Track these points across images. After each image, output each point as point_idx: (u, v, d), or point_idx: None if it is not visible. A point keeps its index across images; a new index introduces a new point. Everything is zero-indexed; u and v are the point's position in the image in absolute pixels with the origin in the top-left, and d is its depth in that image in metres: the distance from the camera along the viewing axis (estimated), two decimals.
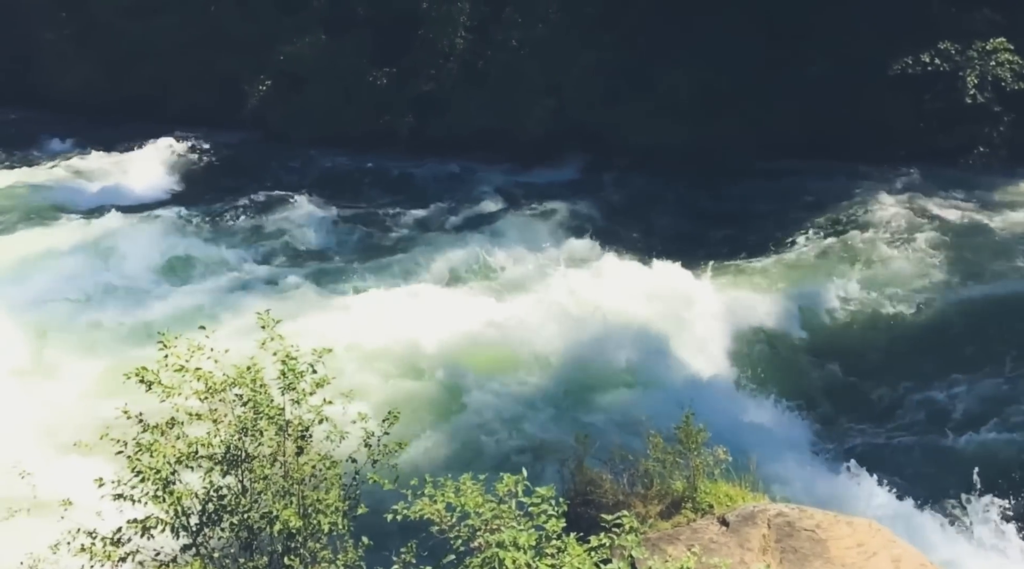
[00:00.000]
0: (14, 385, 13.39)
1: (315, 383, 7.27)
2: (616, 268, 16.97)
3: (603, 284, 15.76)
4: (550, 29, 25.92)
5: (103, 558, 6.28)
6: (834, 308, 16.39)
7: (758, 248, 18.88)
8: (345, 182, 24.32)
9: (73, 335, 15.37)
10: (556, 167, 24.67)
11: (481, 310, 15.50)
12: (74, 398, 13.00)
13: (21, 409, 12.62)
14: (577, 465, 9.07)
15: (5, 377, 13.59)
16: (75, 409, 12.60)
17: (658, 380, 12.92)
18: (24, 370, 13.91)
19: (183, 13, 29.29)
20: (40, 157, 26.30)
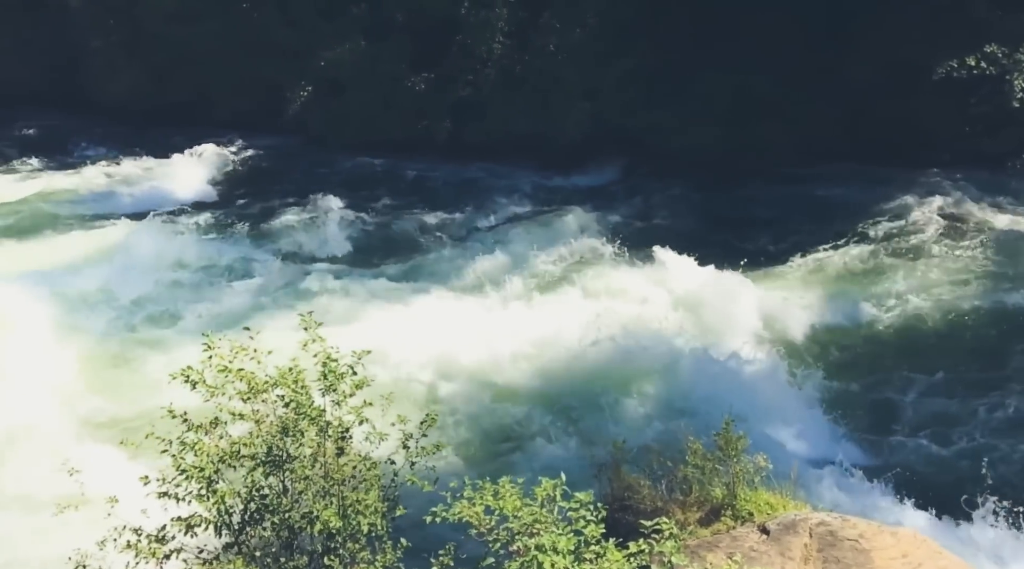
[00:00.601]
0: (61, 385, 13.69)
1: (355, 385, 7.34)
2: (653, 274, 16.87)
3: (640, 289, 15.67)
4: (588, 34, 25.90)
5: (148, 555, 6.40)
6: (875, 316, 16.11)
7: (797, 254, 18.65)
8: (383, 187, 24.51)
9: (118, 335, 15.68)
10: (593, 172, 24.63)
11: (518, 314, 15.51)
12: (120, 397, 13.25)
13: (70, 408, 12.90)
14: (614, 470, 9.03)
15: (52, 377, 13.89)
16: (121, 408, 12.85)
17: (696, 387, 12.80)
18: (70, 370, 14.20)
19: (226, 20, 29.77)
20: (87, 161, 26.89)
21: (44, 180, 25.22)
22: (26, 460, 11.37)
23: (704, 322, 14.05)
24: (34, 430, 12.02)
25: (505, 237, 19.49)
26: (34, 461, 11.21)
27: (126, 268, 18.07)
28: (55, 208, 22.42)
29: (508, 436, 12.25)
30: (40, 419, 12.38)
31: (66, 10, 32.28)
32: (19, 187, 24.56)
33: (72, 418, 12.47)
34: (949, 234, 19.06)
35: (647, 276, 16.83)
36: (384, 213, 22.36)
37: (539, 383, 13.08)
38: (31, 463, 11.30)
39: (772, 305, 15.75)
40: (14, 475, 11.14)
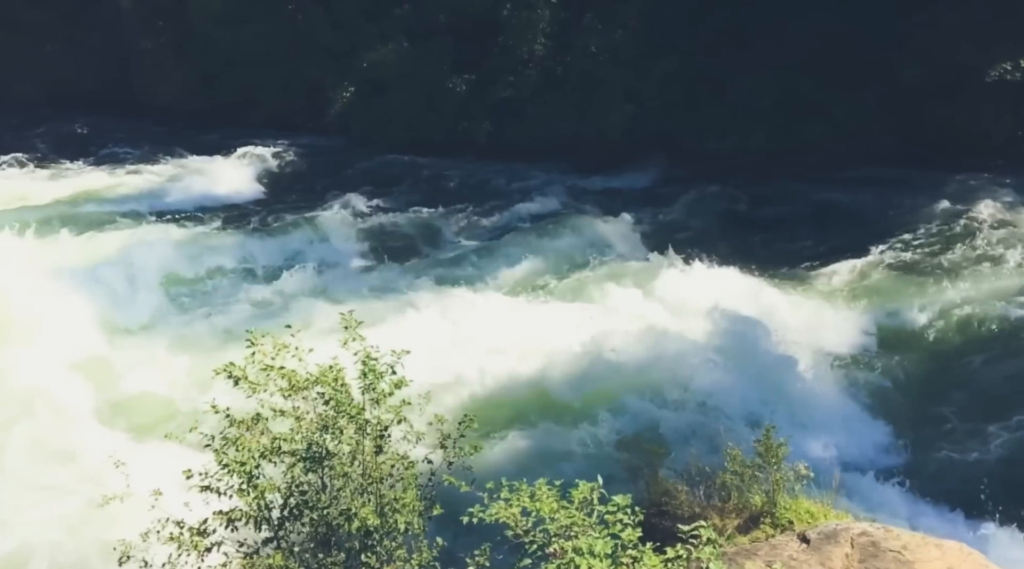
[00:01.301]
0: (109, 379, 13.99)
1: (394, 384, 7.39)
2: (694, 276, 16.71)
3: (680, 292, 15.53)
4: (630, 35, 25.79)
5: (190, 548, 6.50)
6: (922, 324, 15.74)
7: (842, 259, 18.32)
8: (423, 188, 24.66)
9: (163, 330, 15.96)
10: (634, 173, 24.50)
11: (556, 316, 15.45)
12: (165, 391, 13.49)
13: (116, 401, 13.18)
14: (652, 475, 8.97)
15: (100, 371, 14.21)
16: (166, 402, 13.10)
17: (735, 394, 12.65)
18: (116, 364, 14.50)
19: (272, 22, 30.24)
20: (136, 161, 27.46)
21: (93, 178, 25.82)
22: (72, 453, 11.65)
23: (746, 328, 13.85)
24: (78, 423, 12.30)
25: (544, 238, 19.44)
26: (80, 453, 11.48)
27: (169, 267, 18.39)
28: (103, 206, 22.93)
29: (544, 438, 12.22)
30: (84, 412, 12.66)
31: (118, 12, 33.04)
32: (69, 185, 25.18)
33: (116, 412, 12.73)
34: (1000, 241, 18.56)
35: (688, 280, 16.67)
36: (423, 214, 22.49)
37: (575, 385, 13.02)
38: (77, 455, 11.57)
39: (816, 311, 15.50)
40: (60, 467, 11.41)
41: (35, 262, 18.08)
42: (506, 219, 21.89)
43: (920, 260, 18.35)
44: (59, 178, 26.03)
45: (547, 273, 17.89)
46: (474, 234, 21.06)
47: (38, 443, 12.12)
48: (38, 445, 12.08)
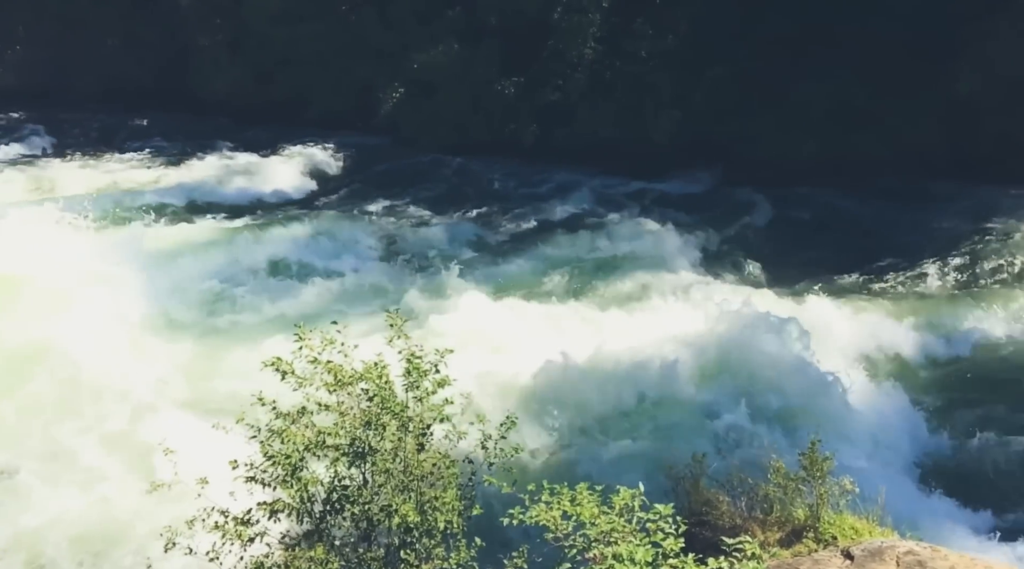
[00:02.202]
0: (160, 369, 14.30)
1: (437, 382, 7.45)
2: (740, 284, 16.53)
3: (726, 299, 15.33)
4: (680, 40, 25.61)
5: (234, 537, 6.61)
6: (975, 342, 15.31)
7: (892, 272, 17.95)
8: (469, 189, 24.76)
9: (212, 323, 16.25)
10: (681, 180, 24.31)
11: (600, 321, 15.39)
12: (212, 384, 13.75)
13: (168, 390, 13.46)
14: (693, 484, 8.87)
15: (152, 361, 14.53)
16: (213, 394, 13.33)
17: (781, 406, 12.46)
18: (168, 355, 14.81)
19: (327, 22, 30.67)
20: (190, 156, 28.02)
21: (148, 171, 26.43)
22: (123, 440, 11.93)
23: (793, 340, 13.63)
24: (129, 412, 12.59)
25: (589, 243, 19.37)
26: (130, 441, 11.76)
27: (221, 260, 18.74)
28: (155, 199, 23.42)
29: (585, 443, 12.18)
30: (134, 402, 12.94)
31: (176, 9, 33.80)
32: (124, 176, 25.81)
33: (166, 402, 13.00)
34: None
35: (734, 288, 16.50)
36: (468, 215, 22.58)
37: (617, 391, 12.95)
38: (128, 443, 11.85)
39: (865, 324, 15.18)
40: (112, 454, 11.70)
41: (90, 250, 18.55)
42: (551, 222, 21.86)
43: (973, 274, 17.90)
44: (115, 169, 26.69)
45: (593, 278, 17.80)
46: (518, 237, 21.07)
47: (90, 427, 12.44)
48: (90, 429, 12.40)
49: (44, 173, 26.17)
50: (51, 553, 10.29)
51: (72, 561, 10.18)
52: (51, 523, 10.70)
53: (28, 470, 11.72)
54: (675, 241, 19.53)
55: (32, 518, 10.81)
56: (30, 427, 12.57)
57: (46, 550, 10.31)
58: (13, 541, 10.52)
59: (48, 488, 11.31)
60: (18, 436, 12.38)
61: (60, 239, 19.22)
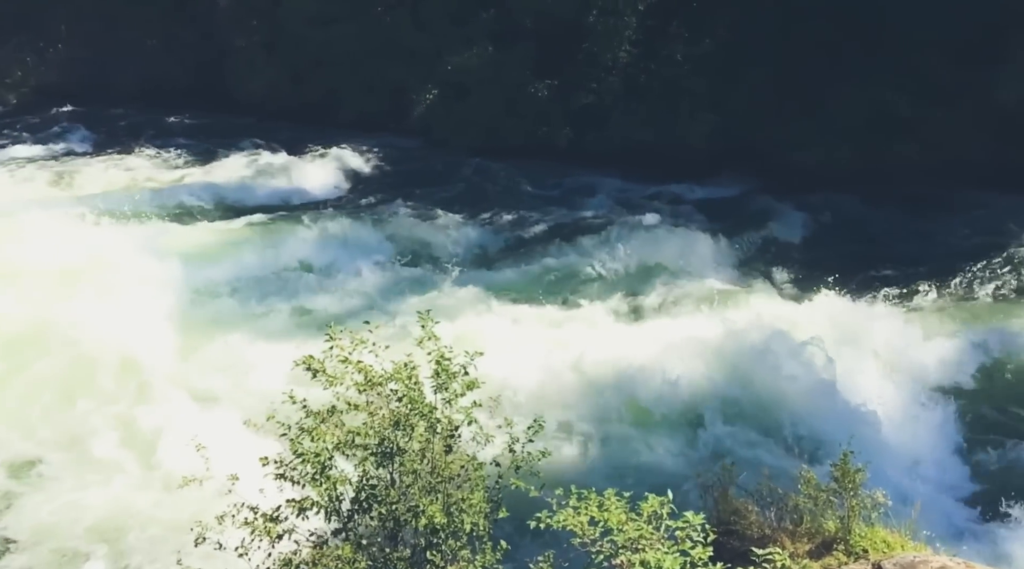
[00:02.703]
0: (192, 365, 14.48)
1: (466, 385, 7.46)
2: (776, 294, 16.35)
3: (761, 309, 15.19)
4: (717, 44, 25.42)
5: (263, 533, 6.67)
6: (1013, 354, 15.01)
7: (932, 283, 17.62)
8: (501, 192, 24.76)
9: (244, 321, 16.41)
10: (716, 185, 24.10)
11: (632, 328, 15.31)
12: (245, 380, 13.90)
13: (199, 386, 13.63)
14: (722, 493, 8.78)
15: (184, 357, 14.72)
16: (244, 392, 13.48)
17: (814, 414, 12.30)
18: (199, 352, 14.99)
19: (361, 23, 30.86)
20: (225, 155, 28.35)
21: (182, 171, 26.80)
22: (153, 434, 12.11)
23: (829, 349, 13.44)
24: (161, 410, 12.77)
25: (622, 248, 19.23)
26: (162, 437, 11.93)
27: (254, 258, 18.94)
28: (190, 197, 23.74)
29: (613, 450, 12.12)
30: (167, 399, 13.13)
31: (214, 10, 34.25)
32: (159, 176, 26.20)
33: (197, 399, 13.17)
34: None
35: (768, 296, 16.31)
36: (499, 218, 22.58)
37: (646, 398, 12.87)
38: (157, 437, 12.03)
39: (900, 336, 14.91)
40: (144, 450, 11.87)
41: (125, 246, 18.85)
42: (582, 226, 21.78)
43: (1016, 286, 17.52)
44: (151, 167, 27.09)
45: (624, 283, 17.70)
46: (548, 240, 21.01)
47: (119, 422, 12.64)
48: (119, 423, 12.59)
49: (81, 169, 26.66)
50: (74, 544, 10.44)
51: (96, 553, 10.32)
52: (76, 514, 10.88)
53: (54, 460, 11.95)
54: (708, 247, 19.35)
55: (57, 509, 10.99)
56: (57, 419, 12.80)
57: (69, 541, 10.47)
58: (37, 531, 10.69)
59: (74, 479, 11.51)
60: (45, 426, 12.61)
61: (95, 235, 19.55)
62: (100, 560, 10.28)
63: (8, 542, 10.54)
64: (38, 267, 17.20)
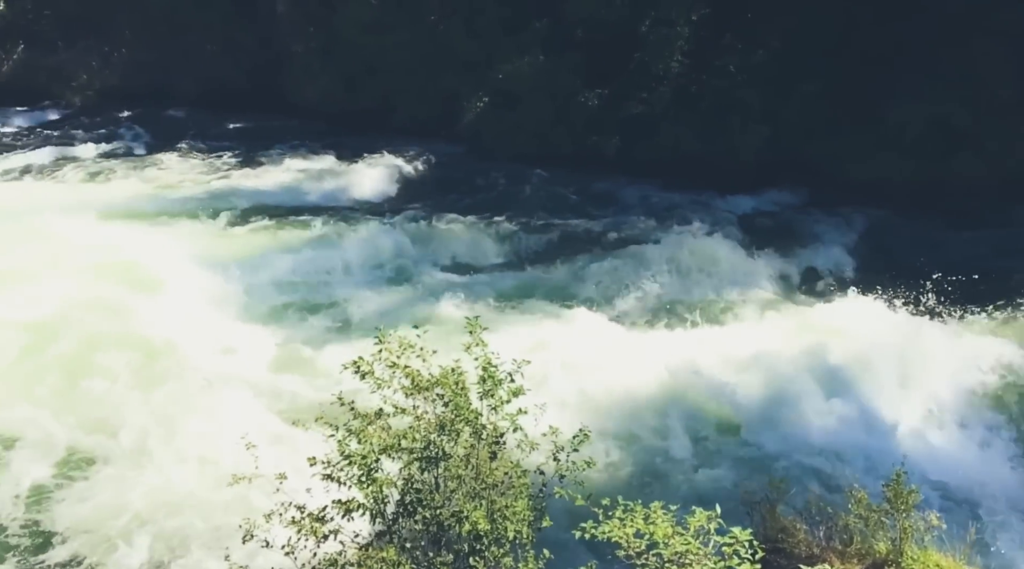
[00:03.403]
0: (244, 364, 14.74)
1: (512, 392, 7.46)
2: (826, 308, 16.03)
3: (814, 324, 14.90)
4: (772, 56, 25.12)
5: (309, 532, 6.75)
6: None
7: (991, 302, 17.09)
8: (549, 200, 24.75)
9: (293, 322, 16.66)
10: (767, 198, 23.78)
11: (682, 339, 15.12)
12: (294, 380, 14.09)
13: (251, 385, 13.85)
14: (769, 510, 8.65)
15: (237, 356, 14.99)
16: (295, 390, 13.68)
17: (864, 432, 12.03)
18: (251, 351, 15.25)
19: (415, 32, 31.21)
20: (279, 159, 28.87)
21: (238, 173, 27.33)
22: (208, 433, 12.35)
23: (883, 367, 13.12)
24: (217, 407, 13.01)
25: (670, 258, 19.08)
26: (216, 434, 12.16)
27: (303, 261, 19.22)
28: (245, 199, 24.19)
29: (659, 462, 12.00)
30: (222, 397, 13.37)
31: (274, 17, 34.96)
32: (218, 177, 26.76)
33: (249, 397, 13.38)
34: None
35: (820, 311, 15.99)
36: (546, 225, 22.56)
37: (696, 411, 12.73)
38: (213, 436, 12.26)
39: (962, 358, 14.47)
40: (197, 447, 12.09)
41: (180, 246, 19.28)
42: (631, 235, 21.67)
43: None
44: (207, 169, 27.71)
45: (671, 295, 17.53)
46: (596, 248, 20.92)
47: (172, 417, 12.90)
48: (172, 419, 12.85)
49: (138, 169, 27.38)
50: (116, 535, 10.66)
51: (140, 544, 10.53)
52: (120, 506, 11.10)
53: (105, 451, 12.23)
54: (756, 260, 19.06)
55: (100, 500, 11.24)
56: (112, 412, 13.12)
57: (112, 532, 10.70)
58: (80, 520, 10.96)
59: (123, 471, 11.76)
60: (98, 419, 12.93)
61: (152, 234, 20.01)
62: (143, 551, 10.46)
63: (50, 532, 10.80)
64: (90, 261, 17.68)
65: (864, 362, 13.28)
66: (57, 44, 37.99)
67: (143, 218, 21.90)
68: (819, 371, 13.12)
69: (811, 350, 13.69)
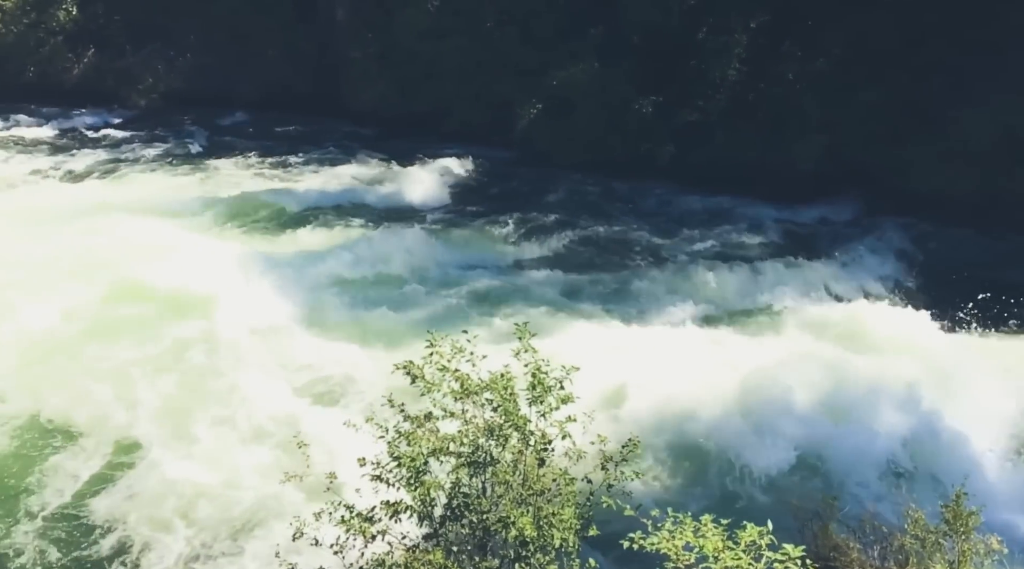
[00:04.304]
0: (296, 363, 14.97)
1: (561, 399, 7.44)
2: (886, 323, 15.59)
3: (871, 339, 14.53)
4: (832, 63, 24.66)
5: (358, 532, 6.81)
6: None
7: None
8: (601, 206, 24.69)
9: (344, 322, 16.82)
10: (825, 207, 23.30)
11: (730, 350, 14.89)
12: (344, 381, 14.27)
13: (301, 384, 14.08)
14: (822, 527, 8.46)
15: (289, 356, 15.23)
16: (345, 391, 13.85)
17: (922, 451, 11.68)
18: (303, 352, 15.47)
19: (471, 38, 31.43)
20: (337, 162, 29.34)
21: (295, 176, 27.84)
22: (262, 433, 12.59)
23: (947, 386, 12.72)
24: (270, 406, 13.25)
25: (721, 267, 18.83)
26: (268, 434, 12.39)
27: (356, 262, 19.46)
28: (302, 202, 24.63)
29: (709, 474, 11.83)
30: (275, 398, 13.60)
31: (332, 22, 35.55)
32: (272, 180, 27.28)
33: (302, 396, 13.59)
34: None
35: (879, 326, 15.57)
36: (599, 233, 22.48)
37: (746, 423, 12.50)
38: (266, 436, 12.49)
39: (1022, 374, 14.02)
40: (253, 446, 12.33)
41: (238, 247, 19.69)
42: (682, 244, 21.48)
43: None
44: (265, 171, 28.27)
45: (726, 305, 17.26)
46: (647, 258, 20.79)
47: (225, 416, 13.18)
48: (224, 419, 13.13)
49: (202, 171, 28.09)
50: (166, 520, 10.92)
51: (184, 534, 10.76)
52: (171, 494, 11.38)
53: (161, 443, 12.54)
54: (814, 271, 18.69)
55: (154, 488, 11.53)
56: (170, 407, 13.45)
57: (161, 519, 10.98)
58: (134, 504, 11.27)
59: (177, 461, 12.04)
60: (159, 415, 13.26)
61: (213, 233, 20.47)
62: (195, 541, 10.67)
63: (99, 520, 11.09)
64: (156, 257, 18.15)
65: (925, 379, 12.91)
66: (125, 48, 39.16)
67: (204, 217, 22.45)
68: (877, 386, 12.78)
69: (868, 364, 13.35)
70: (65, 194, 25.02)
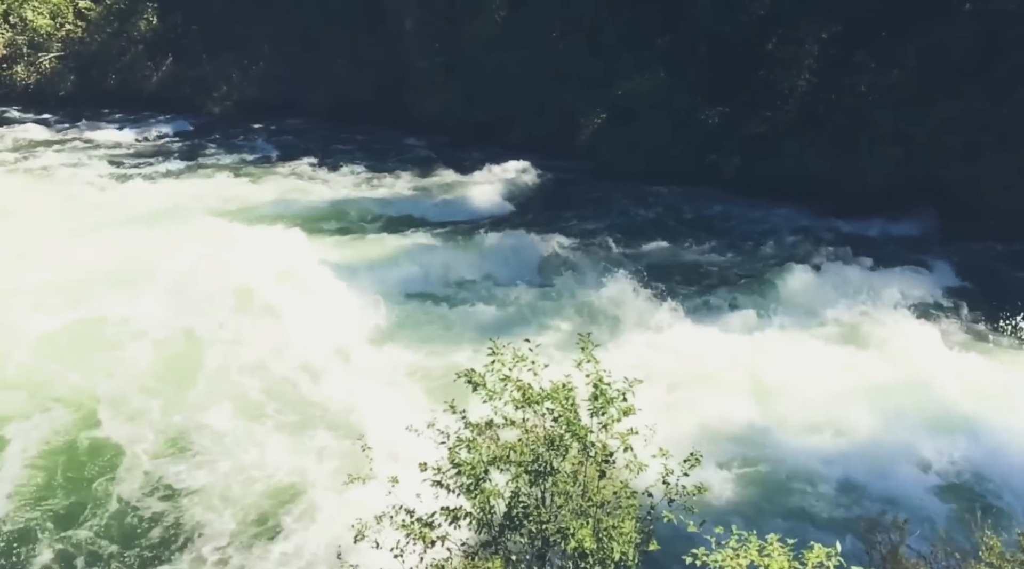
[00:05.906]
0: (360, 368, 15.18)
1: (623, 411, 7.38)
2: (966, 345, 15.04)
3: (942, 362, 14.00)
4: (907, 75, 23.99)
5: (417, 537, 6.87)
6: None
7: None
8: (664, 216, 24.48)
9: (407, 328, 17.04)
10: (896, 223, 22.66)
11: (801, 366, 14.53)
12: (407, 385, 14.43)
13: (365, 388, 14.27)
14: (891, 551, 8.19)
15: (353, 362, 15.45)
16: (409, 395, 13.99)
17: (1003, 475, 11.24)
18: (367, 358, 15.69)
19: (536, 48, 31.56)
20: (402, 170, 29.75)
21: (363, 183, 28.31)
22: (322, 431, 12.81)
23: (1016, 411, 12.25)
24: (332, 410, 13.48)
25: (786, 280, 18.44)
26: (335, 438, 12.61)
27: (418, 270, 19.67)
28: (369, 209, 25.03)
29: (775, 491, 11.57)
30: (337, 401, 13.84)
31: (401, 33, 36.11)
32: (342, 187, 27.78)
33: (364, 400, 13.78)
34: None
35: (957, 348, 15.03)
36: (659, 245, 22.27)
37: (813, 440, 12.23)
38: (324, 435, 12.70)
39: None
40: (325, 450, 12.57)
41: (303, 254, 20.05)
42: (747, 258, 21.12)
43: None
44: (332, 179, 28.80)
45: (791, 320, 16.88)
46: (713, 271, 20.51)
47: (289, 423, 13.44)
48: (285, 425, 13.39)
49: (273, 178, 28.80)
50: (226, 504, 11.17)
51: (239, 523, 11.01)
52: (233, 483, 11.67)
53: (232, 436, 12.87)
54: (885, 288, 18.11)
55: (220, 477, 11.83)
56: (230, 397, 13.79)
57: (220, 504, 11.25)
58: (200, 488, 11.57)
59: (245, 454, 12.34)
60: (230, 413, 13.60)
61: (286, 238, 20.88)
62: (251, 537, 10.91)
63: (154, 513, 11.41)
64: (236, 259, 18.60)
65: (1000, 403, 12.42)
66: (201, 57, 40.46)
67: (276, 222, 22.96)
68: (954, 407, 12.36)
69: (946, 384, 12.91)
70: (149, 194, 25.85)
